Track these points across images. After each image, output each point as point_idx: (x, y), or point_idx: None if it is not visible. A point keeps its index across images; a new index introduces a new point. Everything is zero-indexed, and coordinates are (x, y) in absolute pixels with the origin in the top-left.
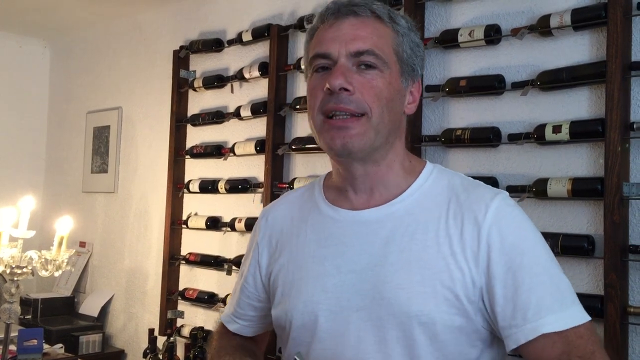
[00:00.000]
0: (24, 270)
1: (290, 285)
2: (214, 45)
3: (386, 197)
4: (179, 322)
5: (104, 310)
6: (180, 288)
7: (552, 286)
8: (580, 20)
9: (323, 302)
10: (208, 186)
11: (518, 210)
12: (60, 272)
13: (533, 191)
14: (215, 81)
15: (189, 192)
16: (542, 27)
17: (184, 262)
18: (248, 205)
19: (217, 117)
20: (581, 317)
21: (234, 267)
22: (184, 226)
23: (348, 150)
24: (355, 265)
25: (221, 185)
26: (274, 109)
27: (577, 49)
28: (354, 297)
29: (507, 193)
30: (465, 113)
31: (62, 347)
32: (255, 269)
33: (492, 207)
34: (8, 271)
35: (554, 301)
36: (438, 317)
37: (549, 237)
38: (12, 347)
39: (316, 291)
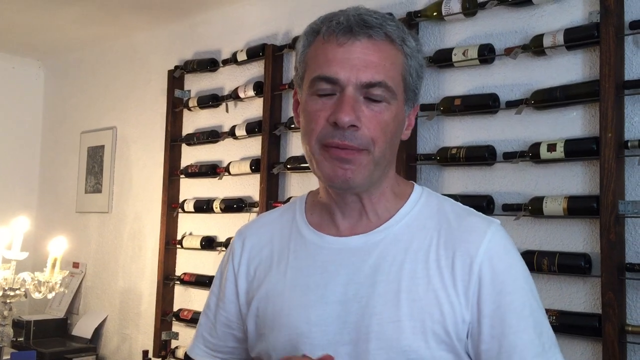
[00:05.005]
0: (17, 292)
1: (272, 317)
2: (209, 65)
3: (374, 223)
4: (174, 343)
5: (98, 331)
6: (175, 309)
7: (537, 329)
8: (573, 39)
9: (307, 335)
10: (203, 206)
11: (510, 244)
12: (53, 294)
13: (529, 209)
14: (210, 101)
15: (184, 211)
16: (535, 47)
17: (178, 282)
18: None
19: (212, 136)
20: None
21: None
22: (178, 246)
23: (348, 185)
24: (341, 295)
25: (216, 205)
26: (268, 128)
27: (571, 68)
28: (340, 329)
29: (499, 222)
30: (460, 132)
31: None
32: (235, 296)
33: (486, 240)
34: (1, 294)
35: (537, 346)
36: (427, 354)
37: (545, 255)
38: None
39: (300, 323)
